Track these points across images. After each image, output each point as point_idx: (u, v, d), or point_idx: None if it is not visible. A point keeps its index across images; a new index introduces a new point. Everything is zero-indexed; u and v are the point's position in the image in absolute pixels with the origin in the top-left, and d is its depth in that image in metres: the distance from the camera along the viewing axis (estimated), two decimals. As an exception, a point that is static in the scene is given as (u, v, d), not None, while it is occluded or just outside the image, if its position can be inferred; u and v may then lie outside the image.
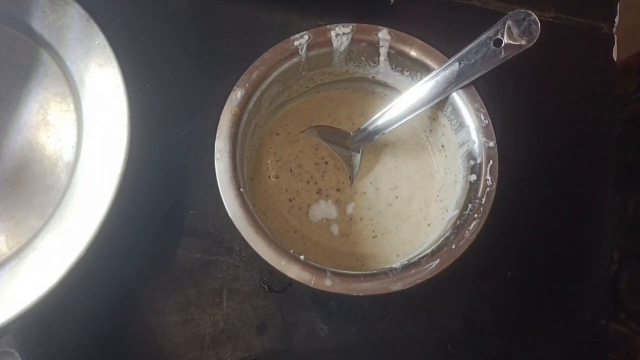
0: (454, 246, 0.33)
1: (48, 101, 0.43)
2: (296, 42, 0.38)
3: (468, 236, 0.34)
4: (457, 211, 0.36)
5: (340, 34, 0.38)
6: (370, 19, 0.39)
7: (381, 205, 0.42)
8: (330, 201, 0.42)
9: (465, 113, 0.37)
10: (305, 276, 0.32)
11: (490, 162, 0.35)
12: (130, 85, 0.40)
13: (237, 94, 0.36)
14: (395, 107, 0.38)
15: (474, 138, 0.36)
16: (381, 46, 0.38)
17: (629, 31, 0.51)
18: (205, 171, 0.39)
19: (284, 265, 0.33)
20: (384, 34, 0.38)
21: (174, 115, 0.45)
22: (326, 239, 0.40)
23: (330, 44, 0.38)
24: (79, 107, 0.42)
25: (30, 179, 0.41)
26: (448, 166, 0.40)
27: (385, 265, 0.39)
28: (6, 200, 0.41)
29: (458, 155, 0.38)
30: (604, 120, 0.48)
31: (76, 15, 0.41)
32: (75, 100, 0.42)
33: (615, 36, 0.50)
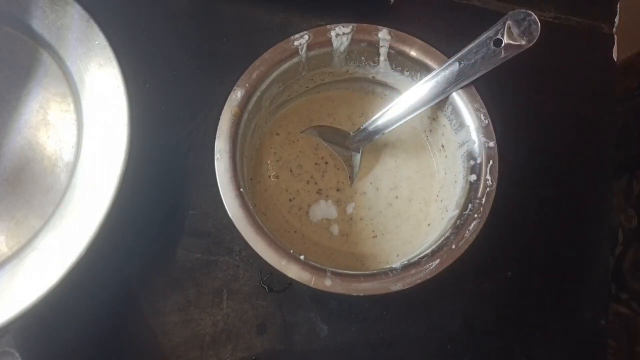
0: (454, 246, 0.33)
1: (48, 101, 0.43)
2: (296, 42, 0.38)
3: (468, 236, 0.34)
4: (457, 211, 0.36)
5: (340, 34, 0.38)
6: (370, 19, 0.39)
7: (381, 205, 0.42)
8: (330, 201, 0.42)
9: (465, 113, 0.37)
10: (305, 276, 0.32)
11: (490, 162, 0.35)
12: (130, 85, 0.40)
13: (237, 94, 0.36)
14: (395, 107, 0.38)
15: (474, 138, 0.36)
16: (381, 46, 0.38)
17: (629, 31, 0.51)
18: (205, 171, 0.39)
19: (284, 265, 0.32)
20: (384, 34, 0.38)
21: (174, 115, 0.45)
22: (326, 239, 0.40)
23: (330, 44, 0.38)
24: (79, 107, 0.42)
25: (30, 179, 0.41)
26: (448, 166, 0.40)
27: (385, 265, 0.39)
28: (6, 200, 0.41)
29: (458, 155, 0.38)
30: (604, 120, 0.48)
31: (76, 15, 0.41)
32: (75, 100, 0.42)
33: (615, 36, 0.50)
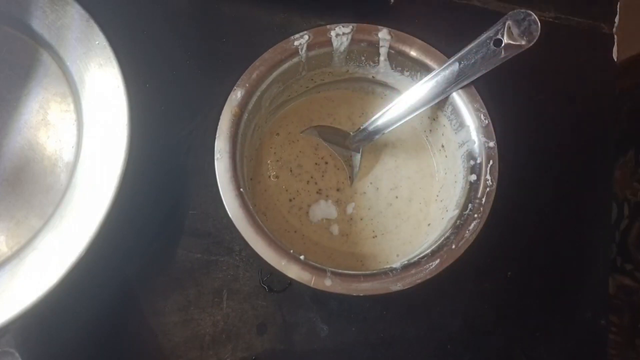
0: (454, 246, 0.33)
1: (48, 101, 0.43)
2: (296, 42, 0.38)
3: (468, 236, 0.34)
4: (457, 211, 0.36)
5: (340, 34, 0.38)
6: (370, 19, 0.39)
7: (381, 205, 0.42)
8: (330, 201, 0.42)
9: (465, 113, 0.37)
10: (305, 276, 0.32)
11: (490, 162, 0.35)
12: (130, 85, 0.40)
13: (237, 94, 0.36)
14: (395, 107, 0.38)
15: (474, 138, 0.36)
16: (381, 46, 0.38)
17: (629, 31, 0.51)
18: (205, 171, 0.39)
19: (284, 265, 0.32)
20: (384, 34, 0.38)
21: (174, 115, 0.45)
22: (326, 239, 0.40)
23: (330, 44, 0.38)
24: (79, 107, 0.42)
25: (30, 179, 0.41)
26: (448, 166, 0.40)
27: (385, 265, 0.39)
28: (6, 200, 0.41)
29: (458, 155, 0.38)
30: (604, 120, 0.48)
31: (76, 15, 0.41)
32: (75, 100, 0.42)
33: (615, 36, 0.50)
